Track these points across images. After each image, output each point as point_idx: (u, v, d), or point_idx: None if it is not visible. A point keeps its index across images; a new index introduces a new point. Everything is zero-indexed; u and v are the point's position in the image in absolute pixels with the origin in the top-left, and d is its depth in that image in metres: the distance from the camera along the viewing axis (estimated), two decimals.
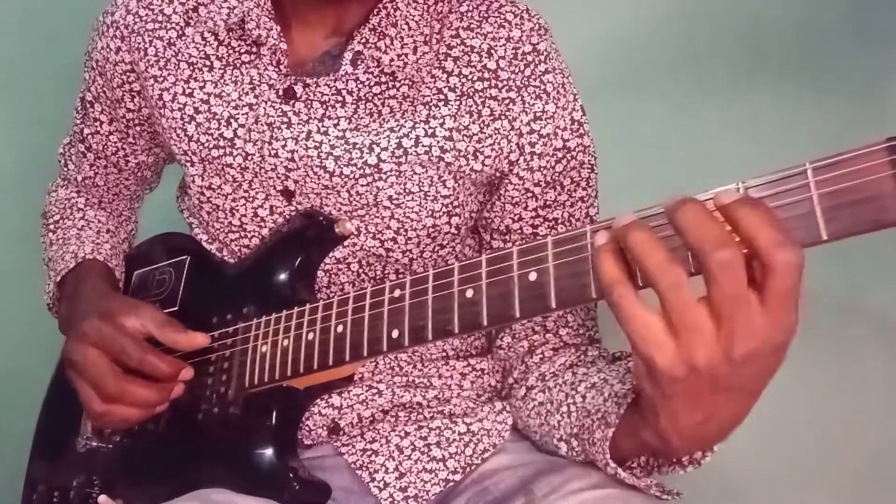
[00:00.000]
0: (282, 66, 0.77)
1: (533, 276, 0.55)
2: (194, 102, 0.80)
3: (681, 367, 0.48)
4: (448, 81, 0.76)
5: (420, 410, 0.82)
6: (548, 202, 0.78)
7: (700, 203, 0.47)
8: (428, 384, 0.84)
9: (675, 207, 0.47)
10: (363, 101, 0.76)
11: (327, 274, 0.81)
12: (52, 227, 0.95)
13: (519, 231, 0.80)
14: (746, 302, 0.46)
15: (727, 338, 0.47)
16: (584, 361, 0.77)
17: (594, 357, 0.77)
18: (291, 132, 0.76)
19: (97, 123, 0.90)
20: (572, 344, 0.80)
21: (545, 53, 0.77)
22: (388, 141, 0.75)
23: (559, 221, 0.79)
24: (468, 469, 0.79)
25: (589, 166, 0.79)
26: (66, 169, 0.97)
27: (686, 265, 0.47)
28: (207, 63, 0.80)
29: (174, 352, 0.77)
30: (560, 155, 0.77)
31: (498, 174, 0.78)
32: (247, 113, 0.78)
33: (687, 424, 0.53)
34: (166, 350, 0.77)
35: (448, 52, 0.76)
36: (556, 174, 0.77)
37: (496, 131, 0.76)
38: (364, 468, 0.79)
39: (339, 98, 0.76)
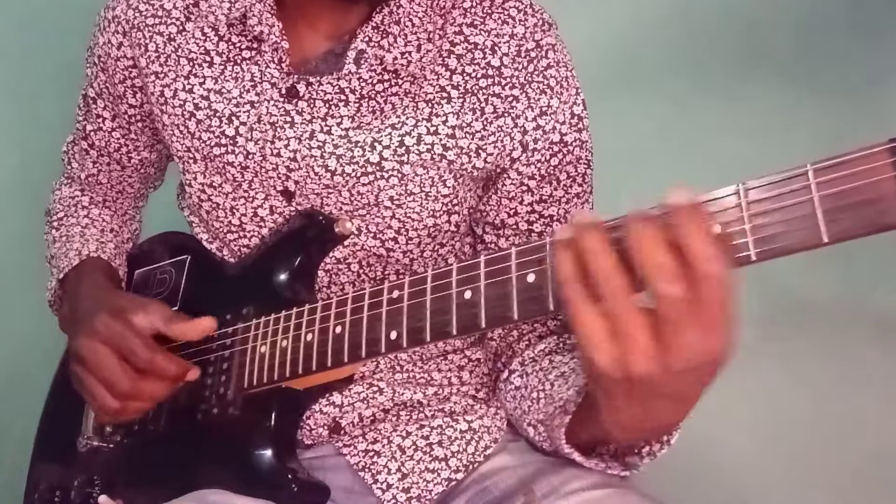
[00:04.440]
0: (284, 65, 0.77)
1: (531, 278, 0.54)
2: (194, 99, 0.79)
3: (618, 371, 0.49)
4: (451, 79, 0.75)
5: (421, 409, 0.82)
6: (543, 197, 0.78)
7: (653, 224, 0.47)
8: (428, 379, 0.84)
9: (630, 223, 0.48)
10: (366, 100, 0.75)
11: (328, 274, 0.81)
12: (55, 224, 0.95)
13: (514, 226, 0.79)
14: (685, 323, 0.47)
15: (664, 352, 0.48)
16: (563, 349, 0.77)
17: (572, 345, 0.77)
18: (294, 131, 0.76)
19: (100, 120, 0.90)
20: (557, 332, 0.80)
21: (548, 48, 0.76)
22: (390, 139, 0.75)
23: (554, 219, 0.78)
24: (470, 467, 0.79)
25: (586, 162, 0.79)
26: (69, 167, 0.97)
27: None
28: (207, 59, 0.79)
29: (178, 349, 0.77)
30: (556, 149, 0.76)
31: (498, 170, 0.78)
32: (248, 111, 0.78)
33: (627, 420, 0.55)
34: (172, 348, 0.77)
35: (451, 48, 0.76)
36: (552, 168, 0.77)
37: (499, 129, 0.75)
38: (366, 469, 0.79)
39: (343, 97, 0.75)
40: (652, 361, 0.48)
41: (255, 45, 0.78)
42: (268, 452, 0.74)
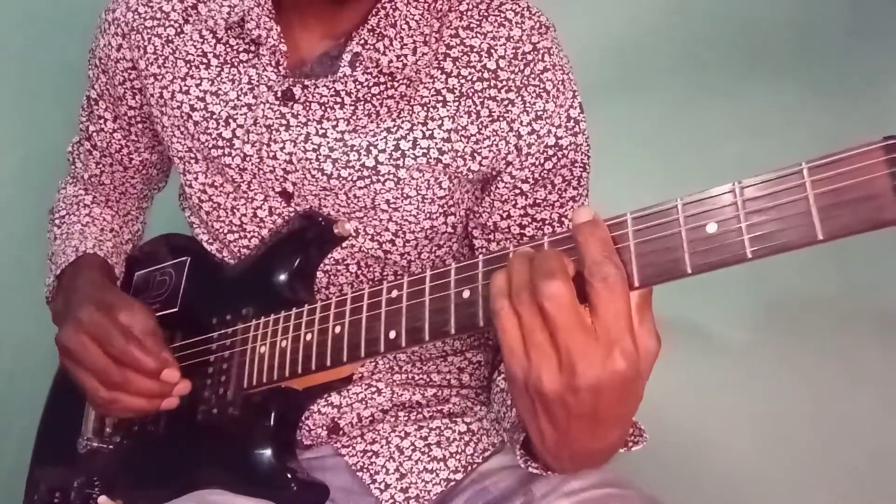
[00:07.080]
0: (280, 68, 0.77)
1: None
2: (190, 100, 0.80)
3: (532, 386, 0.49)
4: (447, 82, 0.75)
5: (419, 410, 0.82)
6: (537, 201, 0.78)
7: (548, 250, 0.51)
8: (427, 381, 0.84)
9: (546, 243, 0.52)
10: (361, 102, 0.76)
11: (326, 275, 0.81)
12: (57, 222, 0.95)
13: (506, 230, 0.79)
14: (580, 331, 0.47)
15: (568, 366, 0.48)
16: None
17: None
18: (290, 134, 0.76)
19: (101, 121, 0.91)
20: None
21: (544, 51, 0.76)
22: (386, 143, 0.75)
23: (546, 222, 0.78)
24: (469, 468, 0.79)
25: (581, 165, 0.78)
26: (74, 167, 0.98)
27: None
28: (204, 61, 0.80)
29: (182, 350, 0.77)
30: (551, 152, 0.76)
31: (494, 172, 0.78)
32: (245, 113, 0.78)
33: (551, 443, 0.53)
34: (174, 349, 0.77)
35: (447, 51, 0.76)
36: (546, 171, 0.77)
37: (494, 132, 0.75)
38: (365, 469, 0.79)
39: (338, 99, 0.76)
40: (558, 378, 0.48)
41: (252, 49, 0.78)
42: (267, 452, 0.74)
